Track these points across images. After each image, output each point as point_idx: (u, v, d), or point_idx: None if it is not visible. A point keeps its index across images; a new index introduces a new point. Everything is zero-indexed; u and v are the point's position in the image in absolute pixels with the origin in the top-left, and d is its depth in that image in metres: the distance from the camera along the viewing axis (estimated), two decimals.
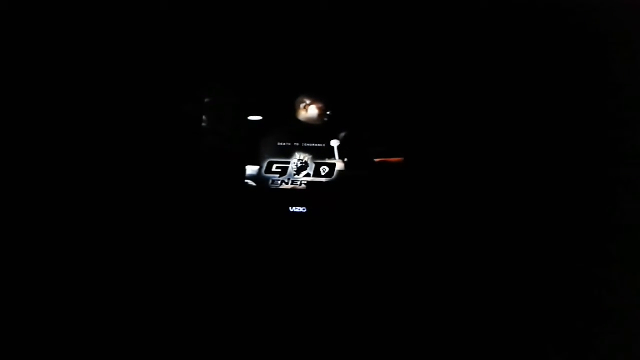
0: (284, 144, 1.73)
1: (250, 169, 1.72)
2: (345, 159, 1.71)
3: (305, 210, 1.71)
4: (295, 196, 1.72)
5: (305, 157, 1.73)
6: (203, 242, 1.66)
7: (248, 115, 1.74)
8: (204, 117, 1.73)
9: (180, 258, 1.64)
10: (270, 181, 1.72)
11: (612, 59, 1.62)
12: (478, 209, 1.67)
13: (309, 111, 1.74)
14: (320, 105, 1.74)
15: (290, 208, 1.71)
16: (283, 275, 1.65)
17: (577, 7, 1.61)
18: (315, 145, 1.73)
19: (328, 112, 1.73)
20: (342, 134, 1.73)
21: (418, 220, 1.68)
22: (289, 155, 1.73)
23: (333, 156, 1.71)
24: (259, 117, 1.74)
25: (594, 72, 1.64)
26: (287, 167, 1.72)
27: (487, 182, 1.67)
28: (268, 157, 1.73)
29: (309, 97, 1.74)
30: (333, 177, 1.72)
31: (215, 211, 1.69)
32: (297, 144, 1.73)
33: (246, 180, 1.72)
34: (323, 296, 1.62)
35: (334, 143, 1.72)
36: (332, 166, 1.72)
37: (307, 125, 1.74)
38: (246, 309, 1.61)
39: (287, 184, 1.72)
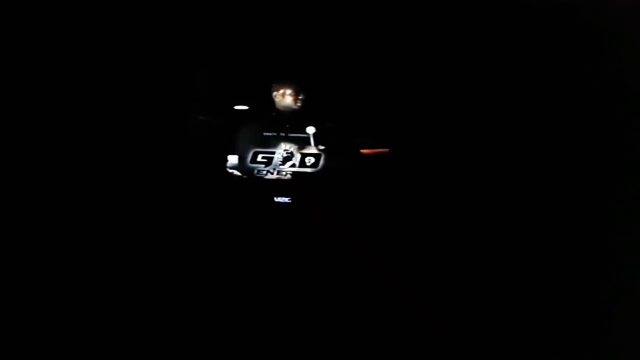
0: (270, 134, 1.73)
1: (236, 159, 1.72)
2: (321, 147, 1.69)
3: (290, 201, 1.70)
4: (280, 186, 1.71)
5: (291, 147, 1.72)
6: (188, 232, 1.65)
7: (234, 105, 1.74)
8: (189, 107, 1.73)
9: (165, 248, 1.63)
10: (256, 171, 1.71)
11: (610, 59, 1.62)
12: (464, 200, 1.65)
13: (286, 99, 1.73)
14: (295, 93, 1.73)
15: (275, 198, 1.70)
16: (267, 265, 1.63)
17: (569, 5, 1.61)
18: (301, 135, 1.72)
19: (302, 98, 1.72)
20: (327, 124, 1.72)
21: (403, 211, 1.66)
22: (275, 145, 1.72)
23: (309, 144, 1.70)
24: (245, 107, 1.74)
25: (585, 68, 1.64)
26: (272, 158, 1.72)
27: (473, 172, 1.66)
28: (253, 147, 1.72)
29: (289, 85, 1.73)
30: (318, 167, 1.71)
31: (200, 201, 1.68)
32: (283, 134, 1.73)
33: (231, 170, 1.71)
34: (307, 286, 1.61)
35: (310, 130, 1.71)
36: (317, 157, 1.71)
37: (291, 114, 1.73)
38: (230, 298, 1.59)
39: (272, 174, 1.71)
